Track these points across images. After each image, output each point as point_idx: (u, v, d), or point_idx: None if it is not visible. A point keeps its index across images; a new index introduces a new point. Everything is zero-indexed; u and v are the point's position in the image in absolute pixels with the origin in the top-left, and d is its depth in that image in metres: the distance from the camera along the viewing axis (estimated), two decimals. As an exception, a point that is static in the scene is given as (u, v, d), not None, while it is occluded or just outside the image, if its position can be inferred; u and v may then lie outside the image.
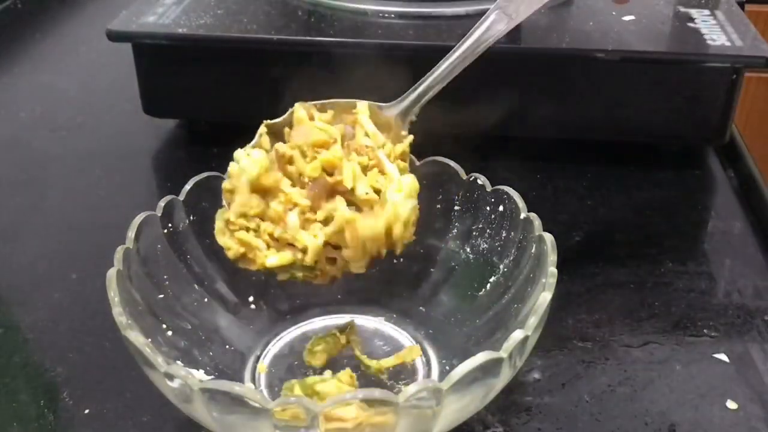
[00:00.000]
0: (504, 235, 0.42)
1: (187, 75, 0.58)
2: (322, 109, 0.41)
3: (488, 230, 0.43)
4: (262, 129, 0.40)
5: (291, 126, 0.40)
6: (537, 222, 0.39)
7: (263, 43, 0.55)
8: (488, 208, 0.43)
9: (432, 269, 0.44)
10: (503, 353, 0.32)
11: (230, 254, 0.38)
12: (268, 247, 0.38)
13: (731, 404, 0.39)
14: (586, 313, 0.45)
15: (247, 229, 0.38)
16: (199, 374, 0.38)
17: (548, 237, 0.38)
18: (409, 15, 0.58)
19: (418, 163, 0.45)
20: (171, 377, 0.31)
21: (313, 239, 0.37)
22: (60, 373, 0.41)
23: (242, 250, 0.38)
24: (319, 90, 0.56)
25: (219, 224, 0.39)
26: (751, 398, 0.39)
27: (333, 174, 0.38)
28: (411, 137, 0.41)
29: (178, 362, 0.37)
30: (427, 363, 0.41)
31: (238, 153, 0.38)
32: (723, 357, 0.42)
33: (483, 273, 0.42)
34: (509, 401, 0.39)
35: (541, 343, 0.36)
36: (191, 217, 0.42)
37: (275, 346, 0.43)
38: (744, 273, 0.48)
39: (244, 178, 0.37)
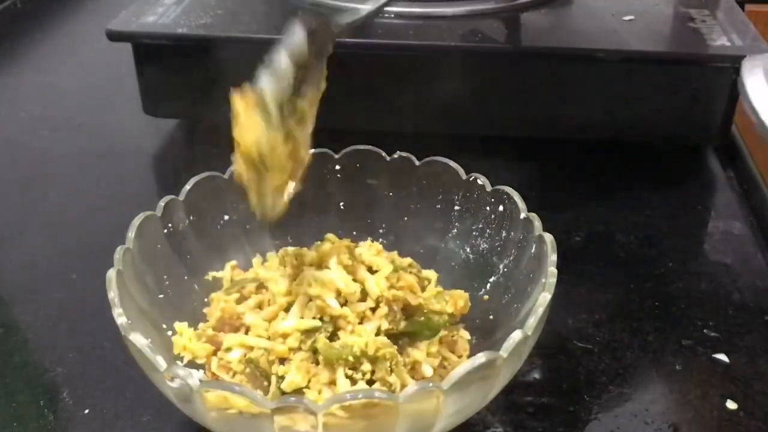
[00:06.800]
0: (504, 235, 0.42)
1: (187, 75, 0.58)
2: None
3: (488, 230, 0.43)
4: None
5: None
6: (537, 222, 0.39)
7: (263, 43, 0.55)
8: (488, 208, 0.43)
9: (432, 269, 0.44)
10: (503, 353, 0.32)
11: None
12: None
13: (731, 404, 0.39)
14: (586, 313, 0.45)
15: None
16: (199, 374, 0.38)
17: (548, 237, 0.38)
18: (409, 15, 0.58)
19: (417, 163, 0.45)
20: (171, 377, 0.31)
21: None
22: (60, 373, 0.41)
23: None
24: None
25: None
26: (751, 398, 0.39)
27: None
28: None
29: (178, 362, 0.37)
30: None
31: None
32: (723, 357, 0.42)
33: (483, 273, 0.42)
34: (509, 401, 0.39)
35: (541, 343, 0.36)
36: (191, 217, 0.42)
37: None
38: (744, 273, 0.48)
39: None
